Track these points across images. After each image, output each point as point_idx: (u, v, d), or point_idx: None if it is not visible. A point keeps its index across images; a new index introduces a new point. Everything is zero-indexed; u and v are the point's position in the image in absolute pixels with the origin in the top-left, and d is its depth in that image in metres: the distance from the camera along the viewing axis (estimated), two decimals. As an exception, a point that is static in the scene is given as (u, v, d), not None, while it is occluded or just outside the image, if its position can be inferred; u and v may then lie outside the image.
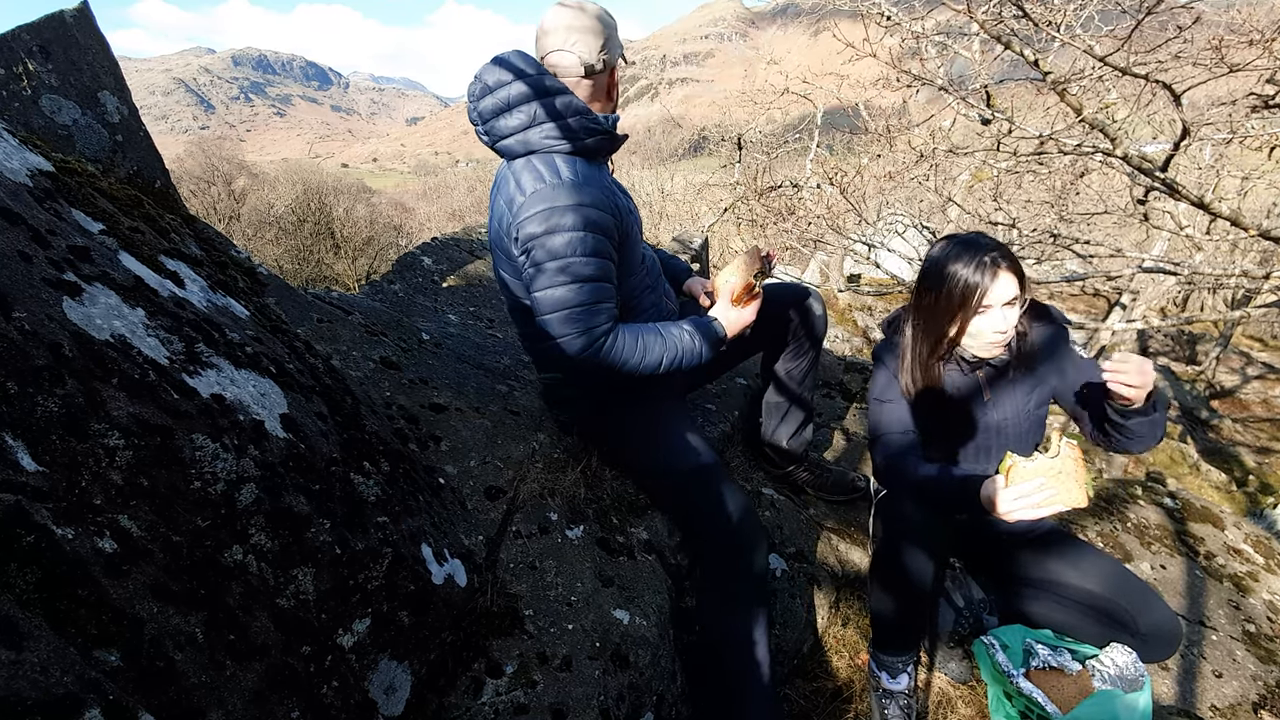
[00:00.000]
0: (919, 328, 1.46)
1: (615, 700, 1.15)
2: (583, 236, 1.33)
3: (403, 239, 19.40)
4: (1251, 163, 3.84)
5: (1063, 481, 1.23)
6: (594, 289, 1.35)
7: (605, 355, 1.38)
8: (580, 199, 1.33)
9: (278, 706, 0.74)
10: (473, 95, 1.41)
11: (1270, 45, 2.01)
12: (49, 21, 1.53)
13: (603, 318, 1.38)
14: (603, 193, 1.37)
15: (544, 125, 1.37)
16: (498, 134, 1.40)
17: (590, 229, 1.34)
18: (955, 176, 6.83)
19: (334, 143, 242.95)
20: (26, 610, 0.55)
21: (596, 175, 1.41)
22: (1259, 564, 2.20)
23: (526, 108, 1.37)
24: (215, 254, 1.36)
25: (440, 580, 1.09)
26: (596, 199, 1.35)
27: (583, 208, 1.33)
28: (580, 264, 1.33)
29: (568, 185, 1.33)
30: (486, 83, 1.38)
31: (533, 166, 1.37)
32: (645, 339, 1.44)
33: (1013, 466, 1.25)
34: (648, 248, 1.67)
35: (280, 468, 0.86)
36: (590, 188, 1.35)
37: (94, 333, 0.76)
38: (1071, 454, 1.24)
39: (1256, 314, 2.87)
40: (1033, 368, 1.48)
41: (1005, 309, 1.36)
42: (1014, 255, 1.36)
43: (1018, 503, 1.24)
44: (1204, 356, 11.93)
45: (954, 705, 1.56)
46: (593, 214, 1.34)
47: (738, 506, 1.43)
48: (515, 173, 1.39)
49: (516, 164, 1.40)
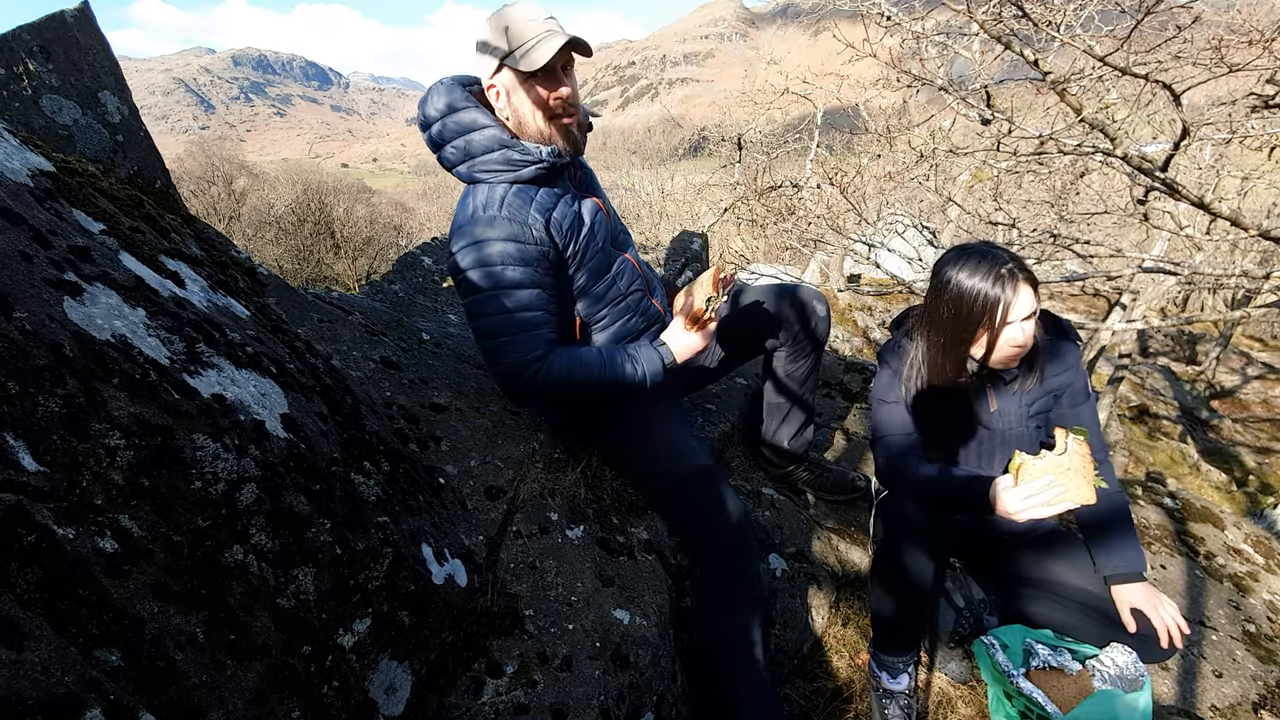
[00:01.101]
0: (937, 344, 1.43)
1: (615, 700, 1.15)
2: (502, 269, 1.35)
3: (403, 239, 19.41)
4: (1251, 163, 3.84)
5: (1071, 478, 1.23)
6: (516, 320, 1.37)
7: (534, 381, 1.40)
8: (495, 233, 1.34)
9: (278, 706, 0.74)
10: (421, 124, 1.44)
11: (1270, 45, 2.01)
12: (49, 21, 1.53)
13: (527, 345, 1.38)
14: (526, 224, 1.36)
15: (473, 160, 1.38)
16: (445, 163, 1.44)
17: (509, 262, 1.35)
18: (955, 176, 6.83)
19: (334, 143, 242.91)
20: (27, 610, 0.55)
21: (524, 203, 1.39)
22: (1259, 564, 2.20)
23: (458, 141, 1.39)
24: (216, 254, 1.36)
25: (440, 580, 1.09)
26: (515, 232, 1.35)
27: (499, 241, 1.34)
28: (502, 296, 1.35)
29: (484, 220, 1.35)
30: (427, 115, 1.41)
31: (469, 196, 1.41)
32: (581, 366, 1.44)
33: (1022, 465, 1.25)
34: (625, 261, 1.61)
35: (281, 468, 0.86)
36: (510, 220, 1.35)
37: (95, 333, 0.76)
38: (1079, 450, 1.25)
39: (1256, 314, 2.87)
40: (1040, 379, 1.47)
41: (1024, 322, 1.34)
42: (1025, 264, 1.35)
43: (1028, 501, 1.24)
44: (1204, 356, 11.93)
45: (954, 705, 1.56)
46: (510, 247, 1.35)
47: (734, 508, 1.43)
48: (460, 202, 1.43)
49: (465, 192, 1.44)
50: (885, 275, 8.74)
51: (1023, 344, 1.35)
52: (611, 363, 1.46)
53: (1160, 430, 9.63)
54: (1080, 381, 1.50)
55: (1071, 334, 1.51)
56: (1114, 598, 1.45)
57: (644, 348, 1.50)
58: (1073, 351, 1.49)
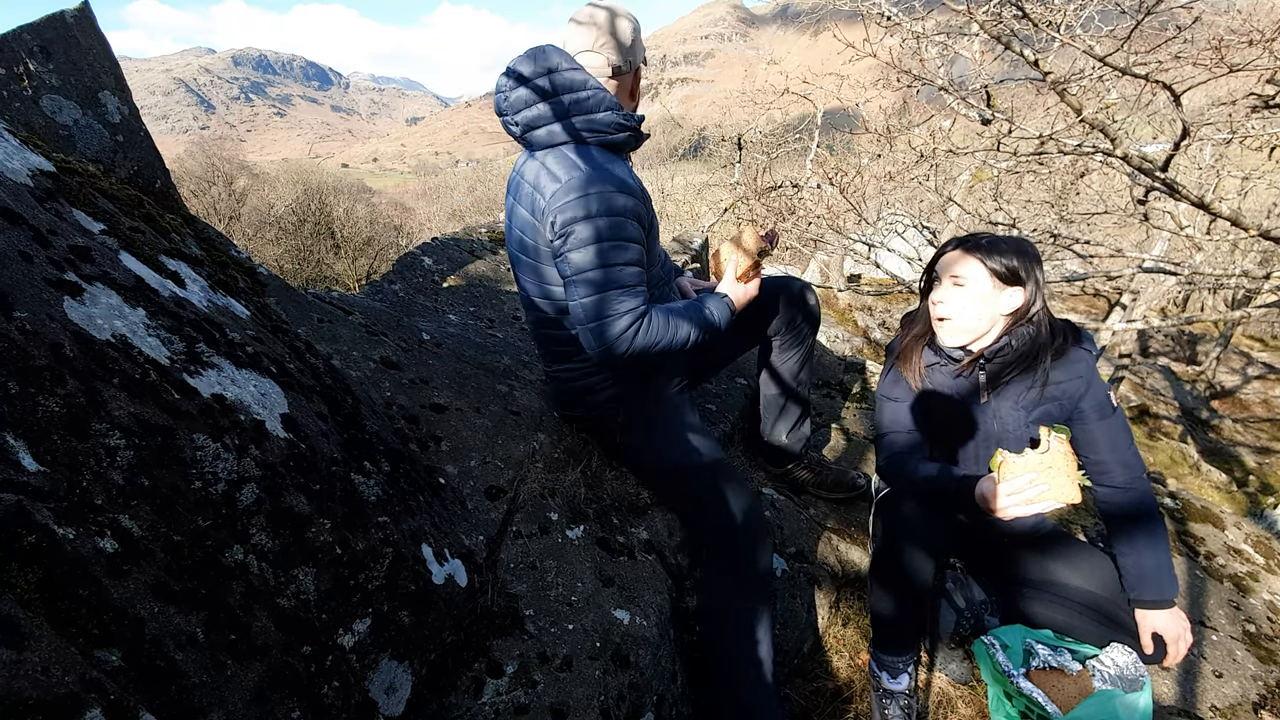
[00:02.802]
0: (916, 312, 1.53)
1: (616, 700, 1.15)
2: (622, 221, 1.37)
3: (403, 239, 19.41)
4: (1251, 163, 3.84)
5: (1053, 476, 1.23)
6: (634, 272, 1.40)
7: (643, 334, 1.41)
8: (616, 185, 1.37)
9: (278, 706, 0.74)
10: (503, 87, 1.44)
11: (1270, 45, 2.01)
12: (50, 21, 1.53)
13: (642, 299, 1.41)
14: (635, 184, 1.42)
15: (575, 119, 1.41)
16: (527, 124, 1.43)
17: (627, 214, 1.38)
18: (955, 176, 6.83)
19: (334, 143, 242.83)
20: (28, 610, 0.55)
21: (623, 165, 1.46)
22: (1259, 564, 2.20)
23: (558, 100, 1.40)
24: (216, 254, 1.36)
25: (441, 580, 1.09)
26: (628, 185, 1.39)
27: (619, 194, 1.37)
28: (621, 247, 1.37)
29: (602, 172, 1.37)
30: (522, 73, 1.41)
31: (564, 155, 1.40)
32: (674, 318, 1.47)
33: (1004, 463, 1.26)
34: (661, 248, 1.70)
35: (281, 468, 0.86)
36: (623, 178, 1.39)
37: (95, 333, 0.76)
38: (1060, 448, 1.25)
39: (1256, 314, 2.87)
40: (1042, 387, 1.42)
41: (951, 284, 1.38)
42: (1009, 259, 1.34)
43: (1011, 499, 1.24)
44: (1204, 356, 11.93)
45: (954, 705, 1.56)
46: (628, 201, 1.38)
47: (745, 503, 1.44)
48: (545, 162, 1.42)
49: (545, 155, 1.43)
50: (885, 275, 8.74)
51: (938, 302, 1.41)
52: (693, 312, 1.50)
53: (1160, 430, 9.64)
54: (1100, 393, 1.43)
55: (1086, 341, 1.44)
56: (1137, 618, 1.43)
57: (710, 298, 1.57)
58: (1084, 360, 1.42)
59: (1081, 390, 1.42)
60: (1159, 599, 1.41)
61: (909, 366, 1.51)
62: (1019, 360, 1.41)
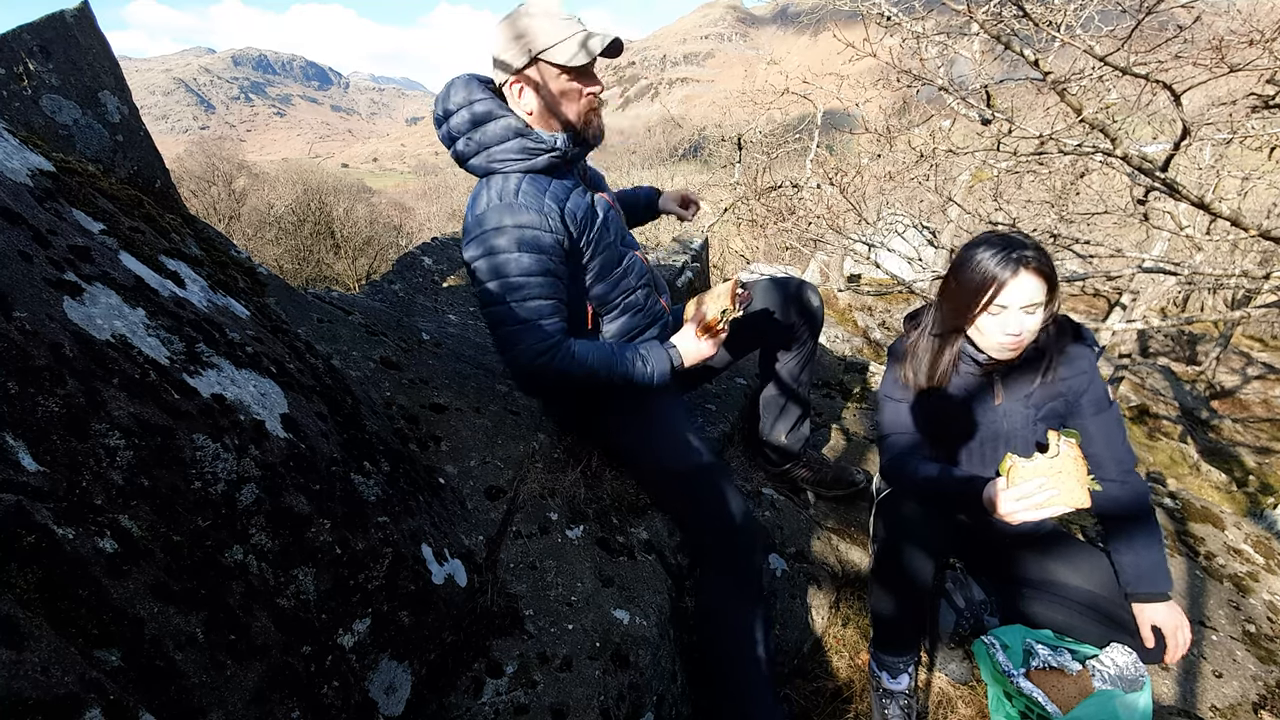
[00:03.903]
0: (937, 318, 1.44)
1: (615, 700, 1.15)
2: (517, 257, 1.36)
3: (403, 239, 19.40)
4: (1251, 163, 3.84)
5: (1063, 481, 1.22)
6: (530, 307, 1.38)
7: (551, 370, 1.40)
8: (513, 220, 1.36)
9: (278, 706, 0.74)
10: (436, 119, 1.47)
11: (1270, 45, 2.01)
12: (50, 21, 1.53)
13: (539, 333, 1.39)
14: (541, 212, 1.38)
15: (489, 150, 1.41)
16: (459, 157, 1.46)
17: (524, 249, 1.36)
18: (955, 176, 6.83)
19: (334, 143, 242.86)
20: (27, 610, 0.55)
21: (539, 192, 1.41)
22: (1259, 564, 2.20)
23: (473, 133, 1.41)
24: (215, 254, 1.36)
25: (440, 580, 1.09)
26: (531, 219, 1.37)
27: (517, 229, 1.36)
28: (516, 283, 1.36)
29: (502, 208, 1.37)
30: (446, 109, 1.44)
31: (482, 188, 1.43)
32: (594, 359, 1.44)
33: (1013, 467, 1.25)
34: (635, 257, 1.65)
35: (281, 468, 0.86)
36: (526, 208, 1.37)
37: (95, 333, 0.76)
38: (1071, 453, 1.24)
39: (1256, 314, 2.87)
40: (1050, 385, 1.43)
41: (1022, 313, 1.29)
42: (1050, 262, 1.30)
43: (1019, 503, 1.23)
44: (1204, 356, 11.94)
45: (954, 705, 1.56)
46: (527, 234, 1.36)
47: (738, 506, 1.43)
48: (472, 196, 1.45)
49: (477, 185, 1.46)
50: (885, 275, 8.75)
51: (1016, 334, 1.30)
52: (622, 358, 1.47)
53: (1160, 430, 9.64)
54: (1099, 389, 1.45)
55: (1088, 339, 1.46)
56: (1135, 613, 1.43)
57: (655, 348, 1.51)
58: (1086, 356, 1.44)
59: (1084, 386, 1.43)
60: (1155, 592, 1.42)
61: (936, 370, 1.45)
62: (1035, 360, 1.42)
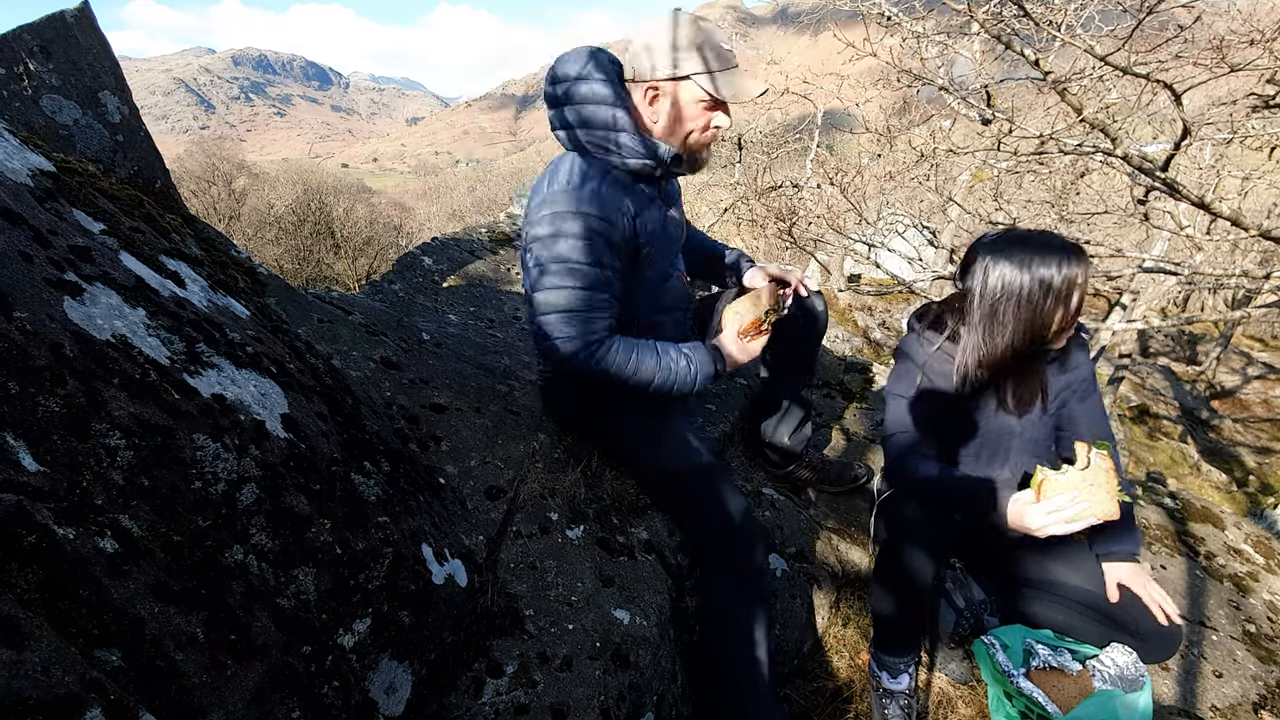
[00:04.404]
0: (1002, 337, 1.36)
1: (616, 700, 1.15)
2: (585, 245, 1.33)
3: (403, 239, 19.41)
4: (1251, 163, 3.84)
5: (1095, 493, 1.23)
6: (590, 296, 1.36)
7: (597, 363, 1.38)
8: (586, 207, 1.33)
9: (278, 706, 0.74)
10: (546, 79, 1.43)
11: (1270, 45, 2.01)
12: (50, 21, 1.53)
13: (597, 325, 1.38)
14: (619, 210, 1.37)
15: (592, 130, 1.37)
16: (555, 122, 1.43)
17: (591, 237, 1.34)
18: (955, 176, 6.83)
19: (334, 143, 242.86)
20: (28, 610, 0.55)
21: (621, 191, 1.39)
22: (1259, 564, 2.20)
23: (581, 109, 1.37)
24: (216, 254, 1.36)
25: (441, 580, 1.09)
26: (609, 214, 1.35)
27: (588, 216, 1.33)
28: (579, 270, 1.34)
29: (578, 192, 1.34)
30: (556, 73, 1.40)
31: (562, 167, 1.39)
32: (640, 355, 1.42)
33: (1044, 480, 1.24)
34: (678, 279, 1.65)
35: (281, 468, 0.86)
36: (605, 203, 1.35)
37: (95, 333, 0.76)
38: (1103, 465, 1.24)
39: (1257, 314, 2.87)
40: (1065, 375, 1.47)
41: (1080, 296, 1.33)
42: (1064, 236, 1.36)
43: (1051, 517, 1.23)
44: (1204, 356, 11.94)
45: (954, 705, 1.56)
46: (595, 223, 1.34)
47: (737, 506, 1.43)
48: (551, 168, 1.42)
49: (560, 158, 1.43)
50: (885, 275, 8.74)
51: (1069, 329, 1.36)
52: (667, 355, 1.44)
53: (1160, 430, 9.64)
54: (1088, 371, 1.50)
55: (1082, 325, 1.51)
56: (1104, 572, 1.48)
57: (699, 349, 1.48)
58: (1083, 343, 1.50)
59: (1086, 373, 1.48)
60: (1122, 551, 1.48)
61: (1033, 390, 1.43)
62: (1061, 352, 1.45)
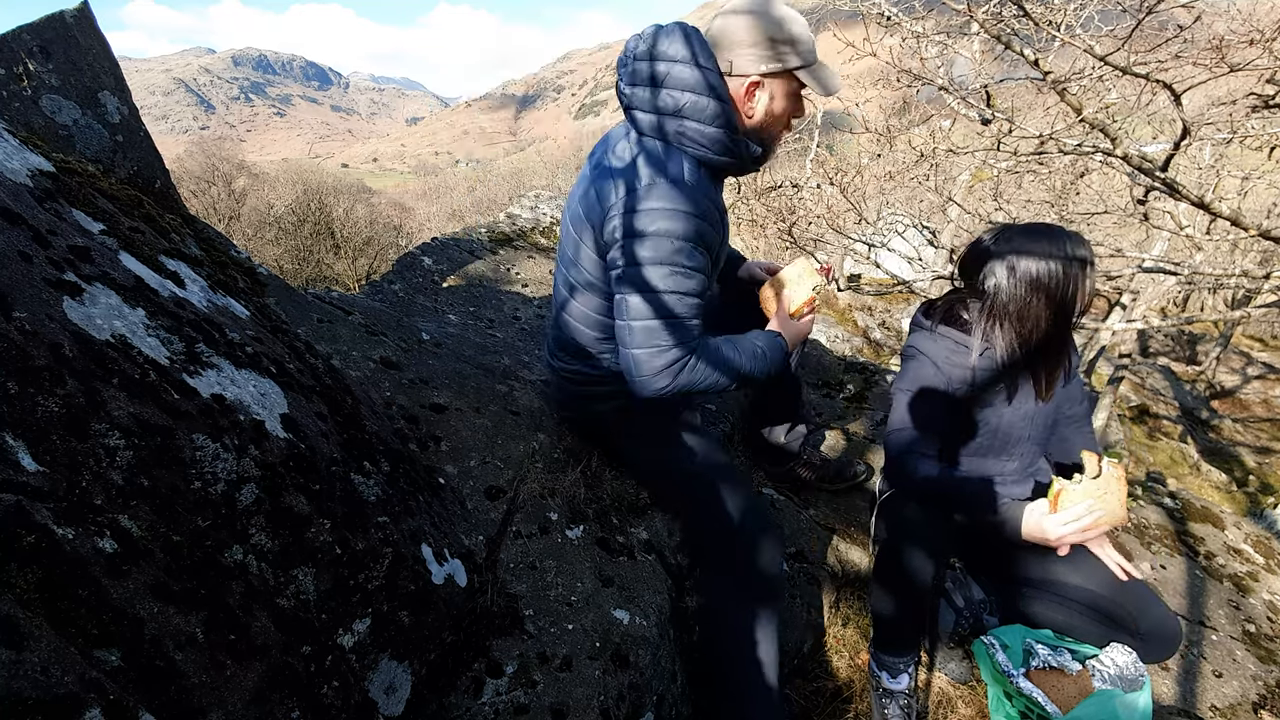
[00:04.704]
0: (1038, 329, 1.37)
1: (615, 700, 1.15)
2: (691, 248, 1.26)
3: (403, 239, 19.41)
4: (1251, 163, 3.83)
5: (1108, 501, 1.25)
6: (692, 304, 1.29)
7: (687, 373, 1.31)
8: (697, 210, 1.26)
9: (278, 706, 0.74)
10: (633, 51, 1.31)
11: (1270, 45, 2.01)
12: (49, 21, 1.53)
13: (693, 333, 1.31)
14: (716, 208, 1.32)
15: (684, 121, 1.27)
16: (633, 101, 1.30)
17: (700, 242, 1.27)
18: (955, 176, 6.83)
19: (334, 143, 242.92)
20: (27, 610, 0.55)
21: (712, 188, 1.35)
22: (1259, 564, 2.20)
23: (679, 95, 1.26)
24: (215, 254, 1.36)
25: (440, 580, 1.09)
26: (708, 213, 1.28)
27: (698, 219, 1.26)
28: (685, 274, 1.26)
29: (687, 191, 1.26)
30: (655, 48, 1.27)
31: (655, 155, 1.29)
32: (724, 355, 1.36)
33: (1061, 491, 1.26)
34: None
35: (280, 468, 0.86)
36: (704, 201, 1.28)
37: (94, 333, 0.76)
38: (1116, 473, 1.26)
39: (1256, 314, 2.87)
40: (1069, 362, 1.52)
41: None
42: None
43: (1067, 527, 1.25)
44: (1204, 356, 11.94)
45: (954, 705, 1.56)
46: (705, 228, 1.27)
47: (745, 504, 1.41)
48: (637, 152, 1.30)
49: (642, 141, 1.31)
50: (885, 275, 8.73)
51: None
52: (745, 352, 1.40)
53: (1160, 430, 9.64)
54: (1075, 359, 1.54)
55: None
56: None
57: (762, 336, 1.44)
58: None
59: (1077, 361, 1.52)
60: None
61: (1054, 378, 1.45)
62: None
